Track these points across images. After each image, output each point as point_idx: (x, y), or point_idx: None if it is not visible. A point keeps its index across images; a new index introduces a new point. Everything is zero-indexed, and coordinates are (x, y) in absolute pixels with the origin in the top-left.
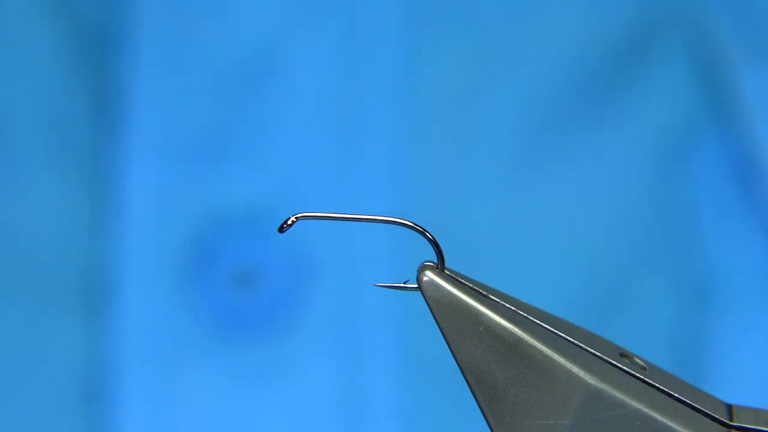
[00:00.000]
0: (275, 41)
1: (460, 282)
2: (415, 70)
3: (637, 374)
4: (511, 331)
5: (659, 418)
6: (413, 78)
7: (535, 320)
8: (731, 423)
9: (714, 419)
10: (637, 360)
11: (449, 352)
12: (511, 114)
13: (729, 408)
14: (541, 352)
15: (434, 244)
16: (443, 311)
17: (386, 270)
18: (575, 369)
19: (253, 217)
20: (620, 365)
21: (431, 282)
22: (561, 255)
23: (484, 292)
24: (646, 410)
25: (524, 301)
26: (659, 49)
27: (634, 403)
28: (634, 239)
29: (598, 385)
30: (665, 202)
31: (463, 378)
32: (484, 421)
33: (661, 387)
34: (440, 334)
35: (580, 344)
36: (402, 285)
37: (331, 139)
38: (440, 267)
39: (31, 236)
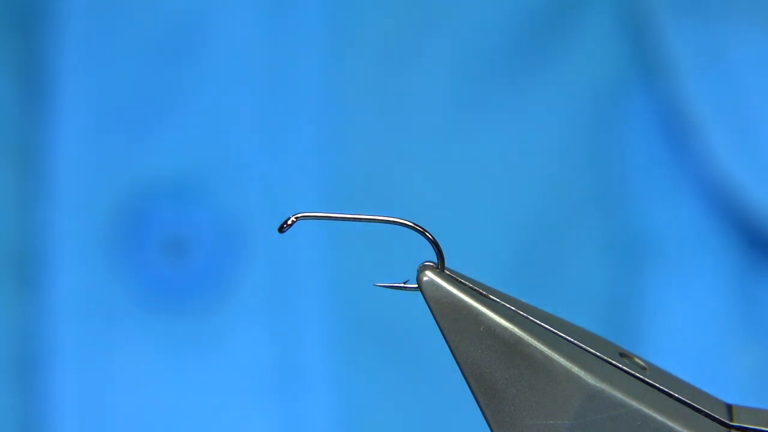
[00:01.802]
0: (201, 9)
1: (460, 282)
2: (344, 30)
3: (637, 374)
4: (511, 331)
5: (659, 418)
6: (342, 38)
7: (535, 320)
8: (731, 423)
9: (714, 419)
10: (637, 360)
11: (393, 326)
12: (441, 72)
13: (729, 408)
14: (541, 352)
15: (434, 244)
16: (443, 311)
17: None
18: (575, 369)
19: (183, 184)
20: (620, 365)
21: (431, 282)
22: (492, 213)
23: (484, 292)
24: (646, 410)
25: (525, 301)
26: (588, 5)
27: (634, 403)
28: (566, 197)
29: (598, 385)
30: (596, 158)
31: (464, 379)
32: (475, 419)
33: (661, 387)
34: (434, 330)
35: (580, 344)
36: (402, 285)
37: (261, 104)
38: (440, 267)
39: None
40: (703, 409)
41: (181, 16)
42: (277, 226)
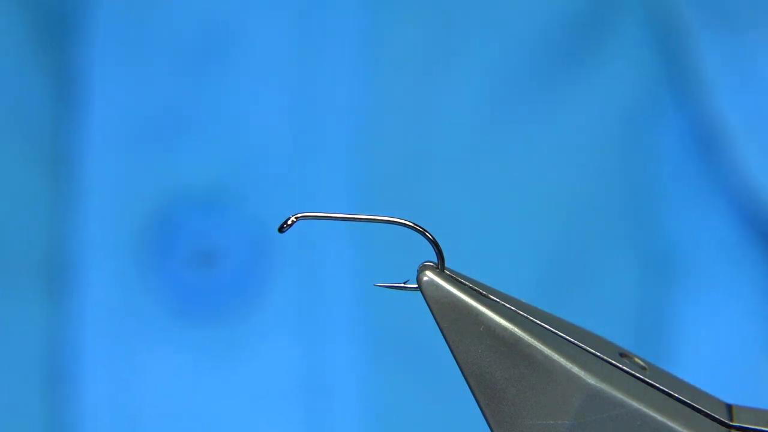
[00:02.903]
0: (232, 17)
1: (460, 282)
2: (374, 43)
3: (637, 374)
4: (511, 331)
5: (659, 418)
6: (371, 51)
7: (535, 320)
8: (731, 423)
9: (714, 419)
10: (637, 360)
11: (432, 343)
12: (473, 86)
13: (729, 408)
14: (541, 352)
15: (434, 244)
16: (443, 311)
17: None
18: (575, 369)
19: (213, 195)
20: (620, 365)
21: (431, 282)
22: (521, 225)
23: (484, 292)
24: (646, 410)
25: (525, 301)
26: (620, 18)
27: (634, 403)
28: (596, 210)
29: (598, 385)
30: (627, 171)
31: (461, 376)
32: (473, 419)
33: (661, 387)
34: (438, 331)
35: (580, 344)
36: (402, 285)
37: (290, 115)
38: (440, 267)
39: None
40: (703, 409)
41: (212, 25)
42: (278, 229)
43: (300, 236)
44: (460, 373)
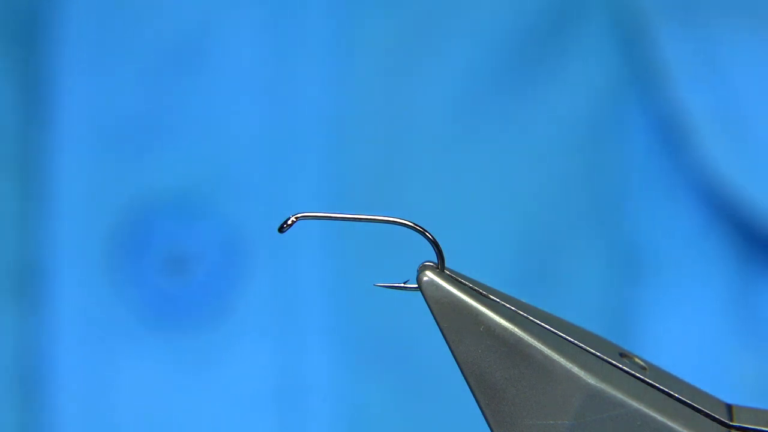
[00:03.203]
0: (202, 23)
1: (460, 282)
2: (346, 44)
3: (637, 374)
4: (511, 331)
5: (659, 418)
6: (344, 54)
7: (535, 320)
8: (731, 423)
9: (714, 419)
10: (637, 360)
11: (389, 337)
12: (442, 86)
13: (729, 408)
14: (541, 352)
15: (434, 244)
16: (443, 311)
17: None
18: (575, 369)
19: (185, 199)
20: (620, 365)
21: (431, 282)
22: (490, 223)
23: (484, 292)
24: (646, 410)
25: (525, 302)
26: (584, 17)
27: (634, 403)
28: (564, 207)
29: (598, 385)
30: (594, 168)
31: (463, 379)
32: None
33: (661, 387)
34: (438, 341)
35: (580, 344)
36: (402, 285)
37: (263, 119)
38: (440, 267)
39: None
40: (703, 409)
41: (183, 30)
42: (278, 229)
43: (272, 243)
44: (434, 377)
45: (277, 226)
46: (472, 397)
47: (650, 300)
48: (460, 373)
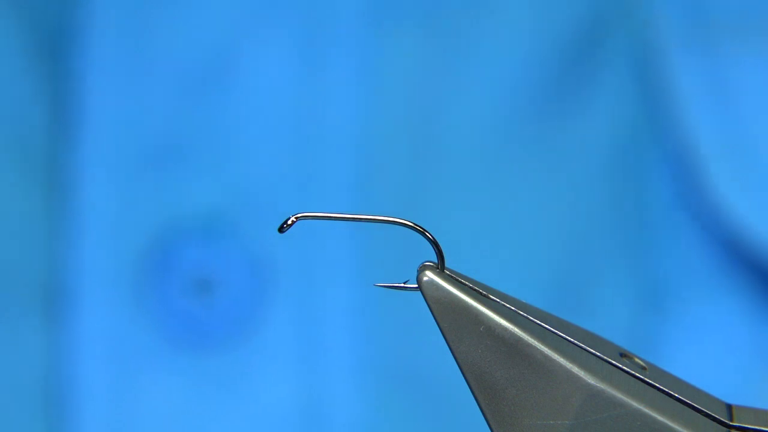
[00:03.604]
0: (231, 43)
1: (460, 282)
2: (375, 67)
3: (637, 374)
4: (511, 331)
5: (659, 418)
6: (371, 77)
7: (535, 320)
8: (731, 423)
9: (714, 419)
10: (637, 360)
11: (418, 354)
12: (469, 112)
13: (729, 408)
14: (541, 352)
15: (434, 244)
16: (443, 311)
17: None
18: (575, 369)
19: (210, 223)
20: (620, 365)
21: (431, 282)
22: (515, 260)
23: (484, 292)
24: (646, 410)
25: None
26: (603, 51)
27: (634, 403)
28: (589, 239)
29: (598, 385)
30: (617, 203)
31: (464, 379)
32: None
33: (661, 387)
34: (440, 335)
35: (580, 344)
36: (402, 285)
37: (290, 142)
38: (440, 267)
39: None
40: (703, 409)
41: (211, 51)
42: (278, 229)
43: (297, 267)
44: (460, 400)
45: (280, 228)
46: (473, 398)
47: (673, 332)
48: (459, 370)
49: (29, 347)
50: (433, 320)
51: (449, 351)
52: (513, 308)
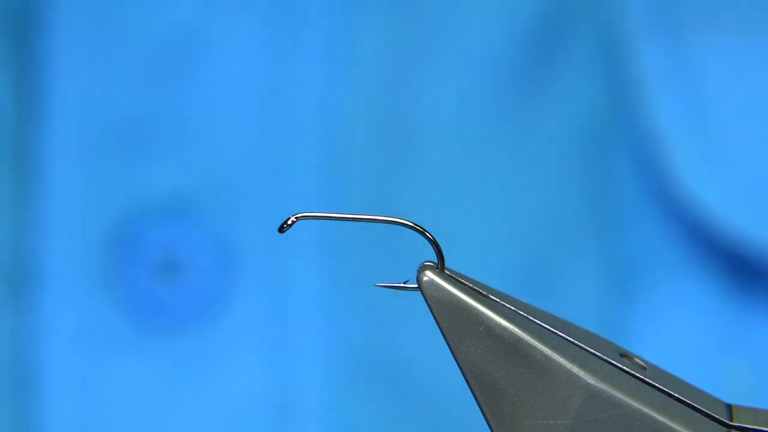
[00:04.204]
0: (197, 26)
1: (460, 282)
2: (344, 50)
3: (637, 374)
4: (511, 331)
5: (659, 418)
6: (342, 58)
7: (535, 320)
8: (731, 423)
9: (714, 419)
10: (637, 360)
11: (382, 345)
12: (439, 97)
13: (729, 408)
14: (541, 352)
15: (434, 244)
16: (443, 311)
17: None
18: (575, 369)
19: (177, 205)
20: (620, 365)
21: (431, 282)
22: (486, 242)
23: (484, 292)
24: (646, 410)
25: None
26: (569, 35)
27: (634, 403)
28: (560, 223)
29: (598, 385)
30: (585, 185)
31: (464, 379)
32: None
33: (661, 387)
34: (438, 333)
35: (580, 344)
36: (402, 285)
37: (256, 125)
38: (440, 267)
39: None
40: (703, 409)
41: (177, 34)
42: (278, 229)
43: (264, 248)
44: (432, 384)
45: (277, 227)
46: (473, 398)
47: (643, 315)
48: (458, 377)
49: None
50: (431, 318)
51: (449, 351)
52: (513, 308)
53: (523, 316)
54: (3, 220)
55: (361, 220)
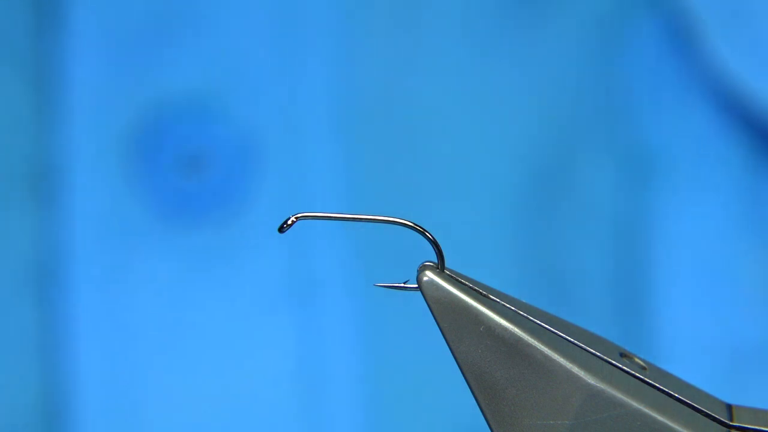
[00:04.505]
0: None
1: (460, 282)
2: None
3: (637, 374)
4: (511, 331)
5: (659, 418)
6: None
7: (535, 320)
8: (731, 423)
9: (714, 419)
10: (637, 360)
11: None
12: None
13: (729, 408)
14: (541, 352)
15: (434, 244)
16: (443, 311)
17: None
18: (575, 369)
19: (199, 100)
20: (620, 365)
21: (431, 282)
22: (504, 137)
23: (484, 292)
24: (646, 410)
25: (525, 302)
26: None
27: (634, 403)
28: (576, 111)
29: (598, 385)
30: (604, 74)
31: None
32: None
33: (661, 387)
34: (438, 328)
35: (580, 344)
36: (402, 285)
37: (276, 20)
38: (440, 267)
39: None
40: (703, 409)
41: None
42: (278, 229)
43: (284, 141)
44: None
45: (280, 228)
46: (473, 397)
47: (661, 202)
48: (459, 370)
49: (21, 231)
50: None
51: (449, 351)
52: (513, 308)
53: (523, 316)
54: (26, 119)
55: (361, 220)
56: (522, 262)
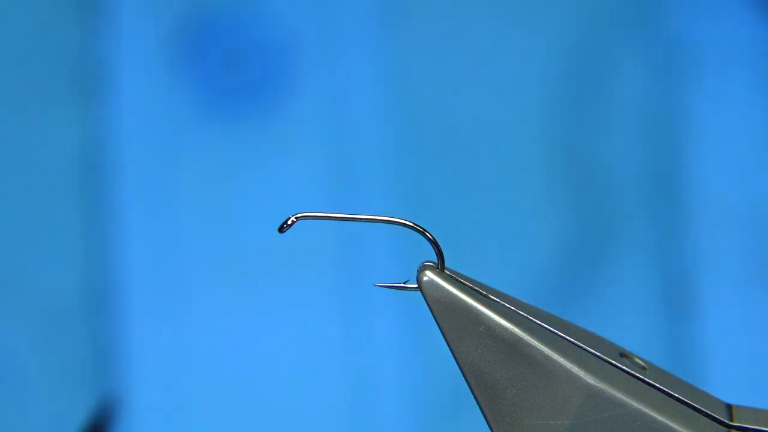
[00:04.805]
0: None
1: (460, 282)
2: None
3: (637, 374)
4: (511, 331)
5: (659, 418)
6: None
7: (535, 320)
8: (731, 423)
9: (714, 419)
10: (637, 360)
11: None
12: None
13: (729, 408)
14: (541, 352)
15: (434, 244)
16: (443, 311)
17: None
18: (575, 369)
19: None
20: (620, 365)
21: (431, 282)
22: (540, 34)
23: (484, 292)
24: (646, 410)
25: (523, 301)
26: None
27: (634, 403)
28: (605, 10)
29: (598, 385)
30: None
31: (463, 378)
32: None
33: (661, 387)
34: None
35: (580, 344)
36: (402, 285)
37: None
38: (440, 267)
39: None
40: (703, 409)
41: None
42: (278, 229)
43: (323, 38)
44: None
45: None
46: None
47: (693, 97)
48: (459, 370)
49: (68, 126)
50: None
51: (449, 350)
52: (513, 308)
53: (523, 316)
54: (70, 15)
55: (361, 220)
56: (553, 153)
